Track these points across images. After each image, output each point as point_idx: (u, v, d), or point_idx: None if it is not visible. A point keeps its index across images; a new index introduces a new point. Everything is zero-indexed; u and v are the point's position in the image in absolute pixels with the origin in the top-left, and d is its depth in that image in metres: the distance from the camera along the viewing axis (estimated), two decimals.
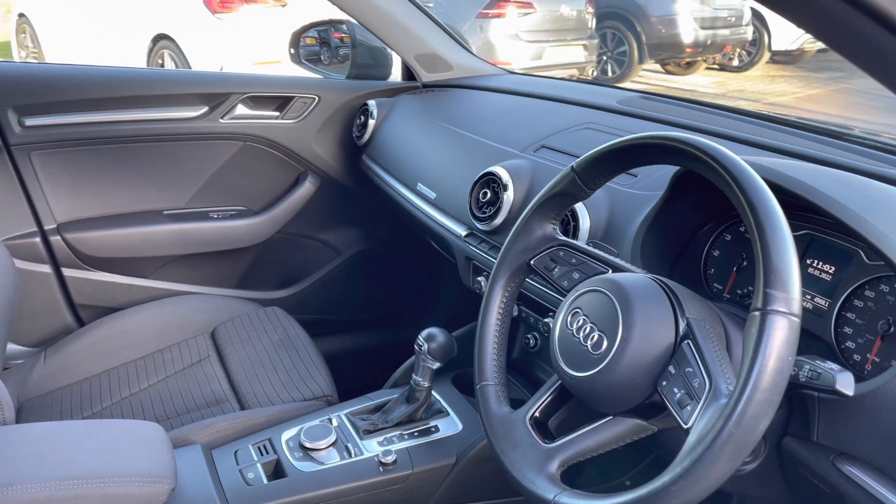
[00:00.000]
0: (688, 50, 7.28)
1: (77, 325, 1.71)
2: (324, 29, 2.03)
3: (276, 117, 1.80)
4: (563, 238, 0.96)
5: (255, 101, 1.77)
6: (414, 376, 1.22)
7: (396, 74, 1.97)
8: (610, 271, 0.90)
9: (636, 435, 0.82)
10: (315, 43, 2.06)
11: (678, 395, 0.74)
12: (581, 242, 0.97)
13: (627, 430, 0.82)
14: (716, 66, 8.03)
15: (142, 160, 1.72)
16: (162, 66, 5.74)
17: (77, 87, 1.61)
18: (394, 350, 1.60)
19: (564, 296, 0.89)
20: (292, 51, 1.99)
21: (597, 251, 0.92)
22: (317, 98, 1.81)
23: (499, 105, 1.64)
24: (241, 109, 1.76)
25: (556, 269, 0.94)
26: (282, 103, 1.79)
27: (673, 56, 7.56)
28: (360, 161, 1.82)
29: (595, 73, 7.32)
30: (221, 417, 1.30)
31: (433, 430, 1.23)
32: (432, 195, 1.47)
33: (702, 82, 7.59)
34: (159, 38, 5.81)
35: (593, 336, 0.81)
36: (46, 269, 1.67)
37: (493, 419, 0.92)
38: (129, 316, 1.65)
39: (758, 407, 0.65)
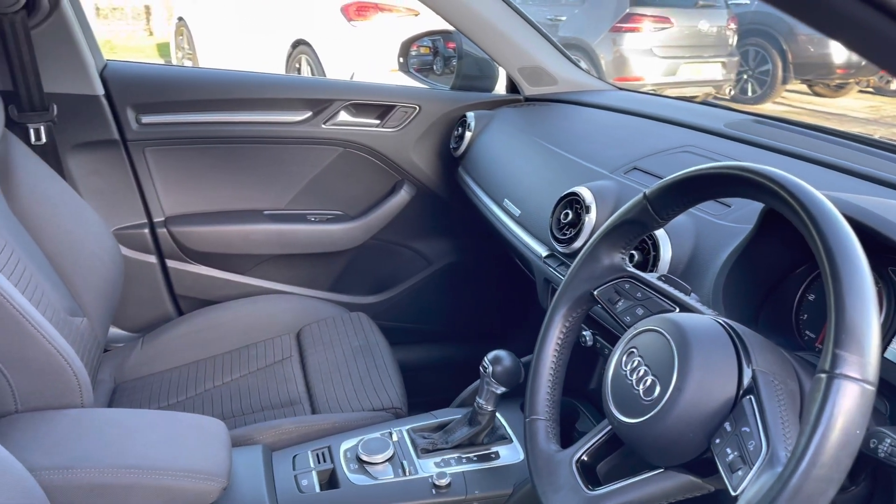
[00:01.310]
0: (838, 71, 6.79)
1: (175, 315, 1.80)
2: (437, 39, 2.03)
3: (377, 125, 1.81)
4: (632, 269, 0.89)
5: (358, 109, 1.80)
6: (478, 399, 1.18)
7: (502, 88, 1.94)
8: (677, 310, 0.82)
9: (688, 493, 0.75)
10: (429, 52, 2.07)
11: (730, 457, 0.66)
12: (654, 276, 0.90)
13: (678, 486, 0.74)
14: (870, 90, 7.44)
15: (247, 161, 1.78)
16: (299, 70, 5.99)
17: (190, 88, 1.69)
18: (472, 366, 1.57)
19: (625, 332, 0.83)
20: (401, 60, 2.00)
21: (665, 286, 0.85)
22: (417, 108, 1.81)
23: (599, 122, 1.57)
24: (343, 116, 1.78)
25: (620, 303, 0.88)
26: (383, 112, 1.81)
27: (821, 77, 7.09)
28: (456, 173, 1.80)
29: (733, 93, 6.98)
30: (288, 420, 1.32)
31: (493, 456, 1.19)
32: (517, 212, 1.43)
33: (853, 106, 7.05)
34: (298, 43, 6.08)
35: (646, 380, 0.75)
36: (152, 259, 1.76)
37: (538, 457, 0.86)
38: (222, 310, 1.71)
39: (815, 484, 0.57)
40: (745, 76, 7.14)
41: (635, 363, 0.77)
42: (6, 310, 1.06)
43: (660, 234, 1.05)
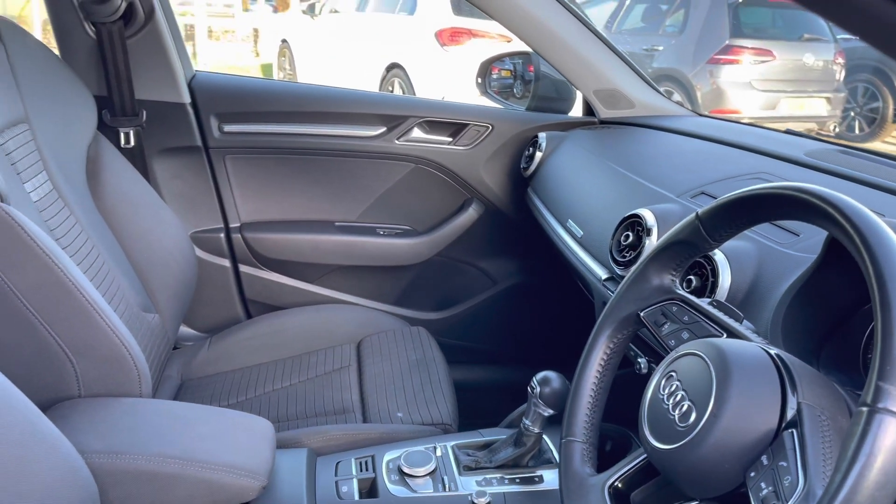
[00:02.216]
0: None
1: (244, 318, 1.85)
2: (518, 62, 2.03)
3: (449, 143, 1.83)
4: (681, 292, 0.85)
5: (431, 126, 1.82)
6: (524, 420, 1.16)
7: (579, 111, 1.92)
8: (724, 336, 0.78)
9: None
10: (509, 76, 2.07)
11: (764, 492, 0.62)
12: (706, 301, 0.86)
13: None
14: None
15: (321, 172, 1.82)
16: (391, 92, 6.13)
17: (271, 100, 1.75)
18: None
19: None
20: (479, 80, 2.01)
21: (714, 311, 0.81)
22: (490, 127, 1.81)
23: (673, 146, 1.53)
24: (416, 132, 1.81)
25: (666, 326, 0.84)
26: (456, 130, 1.82)
27: None
28: (525, 193, 1.79)
29: (838, 130, 6.67)
30: (336, 426, 1.33)
31: (536, 479, 1.16)
32: (579, 233, 1.40)
33: None
34: (393, 66, 6.23)
35: (683, 405, 0.71)
36: (226, 263, 1.82)
37: (571, 479, 0.84)
38: (288, 316, 1.75)
39: None
40: (852, 113, 6.82)
41: (673, 387, 0.74)
42: (77, 300, 1.11)
43: (719, 259, 1.01)
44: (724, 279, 1.00)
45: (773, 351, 0.72)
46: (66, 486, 0.90)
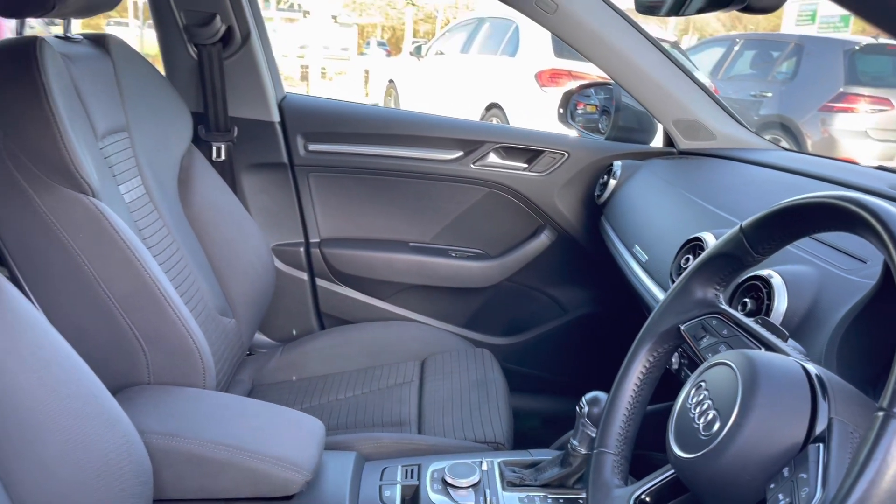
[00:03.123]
0: None
1: (317, 329, 1.91)
2: (603, 96, 2.04)
3: (524, 169, 1.84)
4: (723, 306, 0.83)
5: (507, 151, 1.84)
6: (571, 440, 1.14)
7: (660, 142, 1.90)
8: (762, 350, 0.75)
9: None
10: (595, 111, 2.08)
11: (780, 501, 0.59)
12: (751, 319, 0.83)
13: None
14: None
15: (398, 193, 1.88)
16: None
17: (354, 121, 1.83)
18: None
19: None
20: (561, 111, 2.03)
21: (754, 325, 0.78)
22: (566, 154, 1.82)
23: (749, 177, 1.49)
24: (492, 158, 1.84)
25: (704, 339, 0.82)
26: (531, 156, 1.84)
27: None
28: (599, 222, 1.78)
29: None
30: (388, 434, 1.35)
31: (580, 502, 1.13)
32: (644, 258, 1.38)
33: None
34: (491, 106, 6.34)
35: (708, 414, 0.69)
36: (304, 276, 1.89)
37: (598, 490, 0.82)
38: (358, 330, 1.79)
39: None
40: None
41: (701, 397, 0.72)
42: (152, 292, 1.20)
43: (776, 282, 0.97)
44: (780, 303, 0.96)
45: (809, 366, 0.69)
46: (122, 460, 0.95)
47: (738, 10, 0.93)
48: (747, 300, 1.00)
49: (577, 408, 1.12)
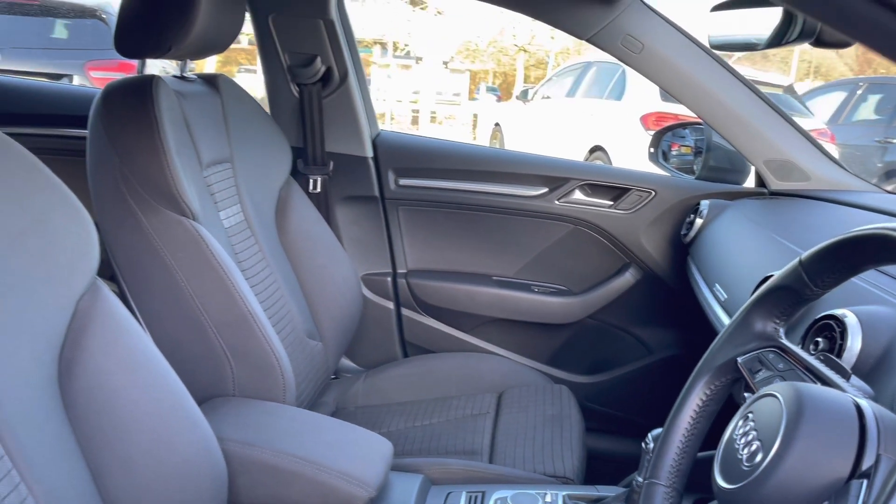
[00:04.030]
0: None
1: (400, 357, 1.96)
2: (699, 137, 2.02)
3: (610, 206, 1.85)
4: (782, 340, 0.81)
5: (592, 189, 1.85)
6: (636, 477, 1.12)
7: (752, 183, 1.86)
8: (817, 384, 0.73)
9: None
10: (689, 152, 2.07)
11: None
12: (812, 356, 0.81)
13: None
14: None
15: (483, 228, 1.92)
16: None
17: (443, 158, 1.90)
18: None
19: None
20: (651, 150, 2.02)
21: (810, 360, 0.76)
22: (653, 192, 1.81)
23: (840, 218, 1.44)
24: (577, 195, 1.85)
25: (760, 373, 0.80)
26: (617, 194, 1.84)
27: None
28: (685, 261, 1.75)
29: None
30: (457, 460, 1.37)
31: None
32: (724, 296, 1.35)
33: None
34: (595, 148, 6.32)
35: (752, 445, 0.68)
36: (390, 305, 1.96)
37: None
38: (440, 360, 1.83)
39: None
40: None
41: (748, 427, 0.71)
42: (241, 310, 1.28)
43: (850, 321, 0.94)
44: (854, 343, 0.92)
45: (862, 402, 0.67)
46: (200, 462, 1.03)
47: (810, 44, 0.92)
48: (819, 340, 0.97)
49: (643, 444, 1.11)
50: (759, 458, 0.66)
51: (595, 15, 1.62)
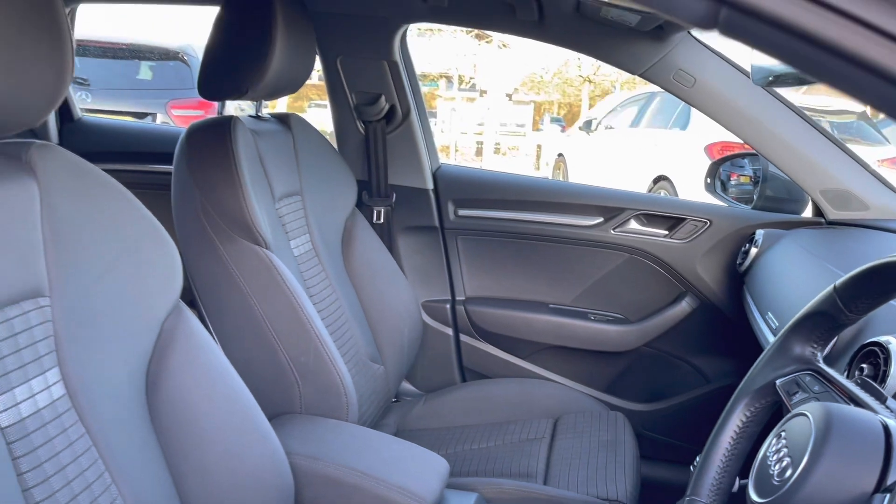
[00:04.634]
0: None
1: (458, 381, 2.02)
2: (757, 167, 2.03)
3: (665, 235, 1.88)
4: (819, 364, 0.84)
5: (648, 219, 1.89)
6: (685, 498, 1.15)
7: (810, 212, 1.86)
8: (848, 405, 0.76)
9: None
10: (749, 182, 2.08)
11: None
12: (850, 380, 0.84)
13: None
14: None
15: (540, 256, 1.98)
16: None
17: (500, 189, 1.97)
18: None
19: None
20: (708, 181, 2.05)
21: (845, 383, 0.79)
22: (708, 222, 1.83)
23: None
24: (632, 224, 1.89)
25: (797, 395, 0.84)
26: (673, 224, 1.87)
27: None
28: (741, 291, 1.76)
29: None
30: (511, 481, 1.41)
31: None
32: (776, 324, 1.37)
33: None
34: (659, 178, 6.29)
35: (784, 461, 0.72)
36: (449, 331, 2.02)
37: None
38: (497, 385, 1.89)
39: None
40: None
41: (780, 445, 0.74)
42: (308, 333, 1.38)
43: (894, 348, 0.95)
44: None
45: (891, 422, 0.70)
46: (269, 473, 1.11)
47: None
48: (864, 366, 0.99)
49: (692, 466, 1.13)
50: (788, 473, 0.69)
51: (647, 51, 1.67)
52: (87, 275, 0.91)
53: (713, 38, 1.65)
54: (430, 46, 16.07)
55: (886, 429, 0.68)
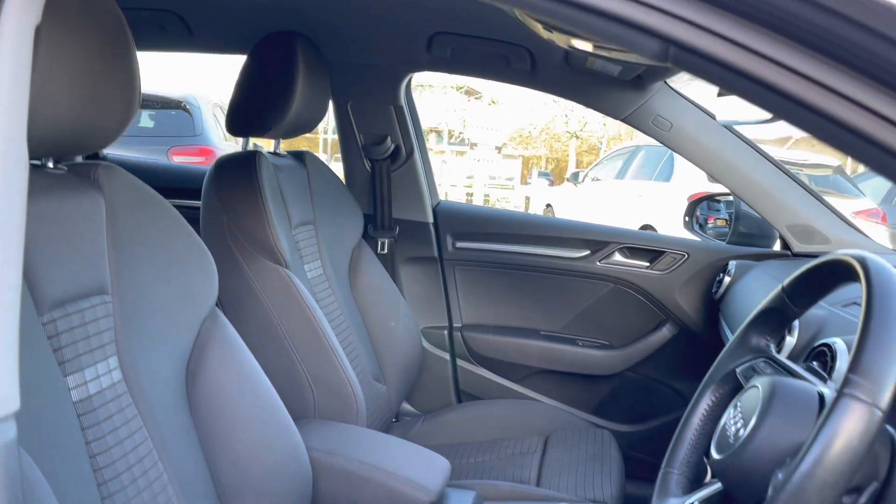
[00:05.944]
0: None
1: (455, 403, 2.15)
2: (731, 211, 2.21)
3: (646, 267, 2.04)
4: (772, 352, 1.00)
5: (630, 251, 2.05)
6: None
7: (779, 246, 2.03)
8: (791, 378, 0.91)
9: None
10: (725, 225, 2.26)
11: (778, 478, 0.75)
12: (800, 364, 0.99)
13: None
14: None
15: (532, 286, 2.13)
16: None
17: (495, 223, 2.13)
18: None
19: None
20: (686, 219, 2.22)
21: (794, 366, 0.94)
22: (686, 255, 2.00)
23: None
24: (616, 256, 2.05)
25: (753, 379, 0.98)
26: (654, 256, 2.04)
27: None
28: (717, 317, 1.92)
29: None
30: (507, 483, 1.54)
31: None
32: None
33: None
34: (644, 227, 6.50)
35: (738, 424, 0.86)
36: (446, 356, 2.16)
37: (661, 499, 0.98)
38: (492, 406, 2.02)
39: (811, 489, 0.66)
40: None
41: (735, 413, 0.89)
42: (322, 344, 1.52)
43: (840, 347, 1.10)
44: (842, 363, 1.09)
45: (824, 390, 0.84)
46: (291, 464, 1.24)
47: None
48: (814, 363, 1.14)
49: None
50: (741, 432, 0.84)
51: (629, 98, 1.86)
52: (141, 279, 1.05)
53: (687, 87, 1.85)
54: (421, 101, 16.49)
55: (820, 395, 0.83)
